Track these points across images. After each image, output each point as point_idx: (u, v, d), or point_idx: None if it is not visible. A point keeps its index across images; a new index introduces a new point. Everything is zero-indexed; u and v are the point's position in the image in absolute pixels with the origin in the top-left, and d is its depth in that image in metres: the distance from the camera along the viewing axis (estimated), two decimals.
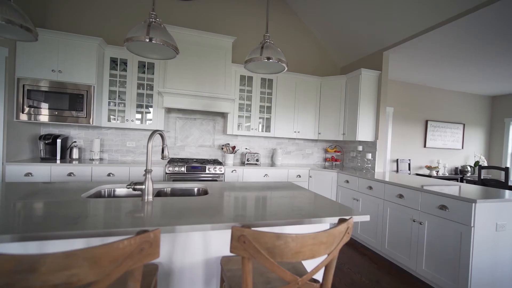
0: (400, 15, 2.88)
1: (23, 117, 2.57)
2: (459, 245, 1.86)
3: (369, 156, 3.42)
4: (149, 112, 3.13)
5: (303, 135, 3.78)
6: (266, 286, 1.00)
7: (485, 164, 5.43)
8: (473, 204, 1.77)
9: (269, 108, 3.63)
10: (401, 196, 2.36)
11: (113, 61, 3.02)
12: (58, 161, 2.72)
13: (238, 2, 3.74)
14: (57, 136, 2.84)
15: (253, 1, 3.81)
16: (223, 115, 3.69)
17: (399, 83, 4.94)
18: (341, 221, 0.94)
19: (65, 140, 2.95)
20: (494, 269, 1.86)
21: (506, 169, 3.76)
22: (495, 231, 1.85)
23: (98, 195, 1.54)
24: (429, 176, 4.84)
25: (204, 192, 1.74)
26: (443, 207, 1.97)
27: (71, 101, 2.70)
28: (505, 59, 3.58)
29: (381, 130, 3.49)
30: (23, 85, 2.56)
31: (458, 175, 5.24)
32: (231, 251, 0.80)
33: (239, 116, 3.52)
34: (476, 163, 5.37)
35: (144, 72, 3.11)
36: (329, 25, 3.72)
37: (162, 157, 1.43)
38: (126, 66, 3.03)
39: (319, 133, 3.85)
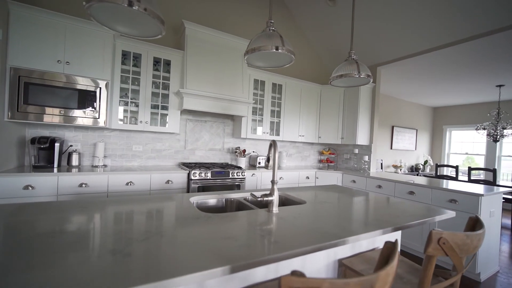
0: (396, 36, 3.34)
1: (18, 116, 2.08)
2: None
3: (366, 158, 3.86)
4: (166, 114, 2.87)
5: (307, 138, 4.01)
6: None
7: (431, 163, 6.66)
8: (480, 197, 2.25)
9: (278, 112, 3.74)
10: (412, 193, 2.78)
11: (124, 55, 2.68)
12: (55, 169, 2.28)
13: (238, 1, 3.69)
14: (53, 140, 2.37)
15: (254, 1, 3.82)
16: (233, 118, 3.63)
17: None
18: (473, 219, 1.15)
19: (62, 144, 2.49)
20: (489, 247, 2.39)
21: (456, 167, 4.72)
22: (489, 217, 2.38)
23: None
24: (396, 173, 5.68)
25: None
26: (452, 201, 2.43)
27: (80, 99, 2.29)
28: (444, 80, 4.75)
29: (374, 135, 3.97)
30: (19, 77, 2.07)
31: (414, 172, 6.29)
32: (427, 253, 0.91)
33: (252, 120, 3.53)
34: (425, 161, 6.55)
35: (158, 70, 2.85)
36: (327, 34, 4.03)
37: (266, 167, 1.41)
38: (138, 61, 2.73)
39: (319, 137, 4.14)
